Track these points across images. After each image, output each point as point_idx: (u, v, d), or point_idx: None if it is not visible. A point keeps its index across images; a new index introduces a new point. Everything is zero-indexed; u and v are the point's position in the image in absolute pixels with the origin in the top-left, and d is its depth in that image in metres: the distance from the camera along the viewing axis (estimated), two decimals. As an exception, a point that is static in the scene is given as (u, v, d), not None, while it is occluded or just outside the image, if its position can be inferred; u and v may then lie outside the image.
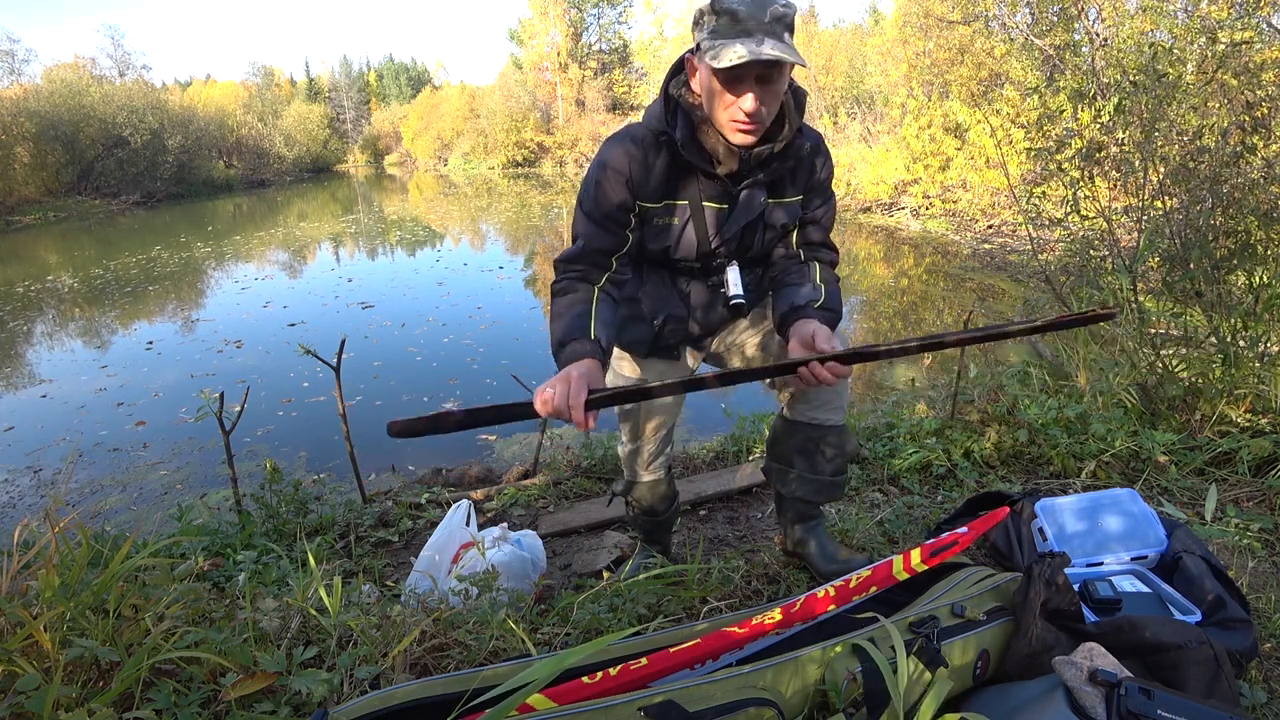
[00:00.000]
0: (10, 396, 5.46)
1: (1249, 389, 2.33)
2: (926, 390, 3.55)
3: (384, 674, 1.13)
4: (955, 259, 9.45)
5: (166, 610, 1.13)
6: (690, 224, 1.37)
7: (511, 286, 8.88)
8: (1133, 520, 1.52)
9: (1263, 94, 3.53)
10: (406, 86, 68.28)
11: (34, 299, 8.89)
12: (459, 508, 1.92)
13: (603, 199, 1.33)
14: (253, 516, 2.35)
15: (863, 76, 17.96)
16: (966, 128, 10.66)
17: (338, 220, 17.29)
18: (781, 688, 1.01)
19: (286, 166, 36.18)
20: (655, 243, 1.40)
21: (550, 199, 21.16)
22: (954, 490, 2.21)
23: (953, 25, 11.97)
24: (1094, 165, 3.86)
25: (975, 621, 1.16)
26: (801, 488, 1.59)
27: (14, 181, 20.37)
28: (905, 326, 6.60)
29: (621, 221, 1.35)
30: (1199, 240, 3.12)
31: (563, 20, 42.82)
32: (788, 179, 1.39)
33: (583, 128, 38.72)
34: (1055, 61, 10.19)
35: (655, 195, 1.34)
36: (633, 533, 2.05)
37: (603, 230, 1.34)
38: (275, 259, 11.64)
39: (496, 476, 3.10)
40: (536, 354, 5.94)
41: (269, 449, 4.14)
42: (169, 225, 17.00)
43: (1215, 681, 1.07)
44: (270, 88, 54.38)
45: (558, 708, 0.94)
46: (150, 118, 24.57)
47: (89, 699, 0.97)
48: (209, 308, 8.14)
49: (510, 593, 1.49)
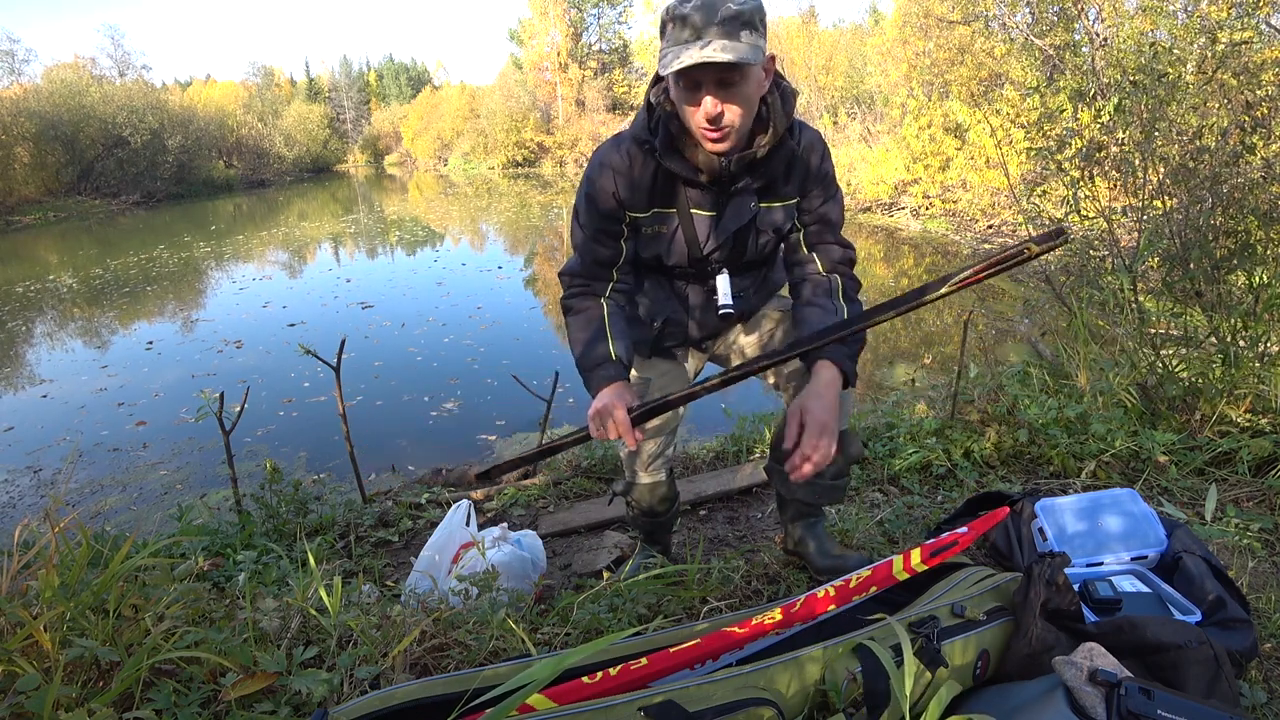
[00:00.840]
0: (10, 396, 5.46)
1: (1249, 389, 2.33)
2: (926, 390, 3.55)
3: (384, 674, 1.13)
4: (955, 259, 9.45)
5: (166, 610, 1.13)
6: (680, 232, 1.36)
7: (511, 286, 8.88)
8: (1133, 520, 1.52)
9: (1262, 94, 3.53)
10: (406, 86, 68.29)
11: (34, 299, 8.89)
12: (459, 508, 1.92)
13: (594, 212, 1.34)
14: (253, 516, 2.35)
15: (863, 76, 17.96)
16: (966, 128, 10.66)
17: (337, 220, 17.29)
18: (781, 688, 1.01)
19: (286, 166, 36.19)
20: (648, 250, 1.40)
21: (550, 199, 21.17)
22: (954, 490, 2.21)
23: (953, 25, 11.97)
24: (1094, 165, 3.86)
25: (975, 621, 1.16)
26: (802, 490, 1.58)
27: (14, 181, 20.38)
28: (905, 326, 6.60)
29: (614, 233, 1.36)
30: (1199, 240, 3.12)
31: (563, 20, 42.82)
32: (780, 180, 1.35)
33: (583, 128, 38.72)
34: (1055, 61, 10.19)
35: (643, 205, 1.33)
36: (633, 533, 2.05)
37: (597, 243, 1.36)
38: (275, 259, 11.65)
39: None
40: (537, 354, 5.94)
41: (269, 449, 4.14)
42: (169, 225, 17.01)
43: (1215, 681, 1.07)
44: (270, 88, 54.39)
45: (558, 707, 0.94)
46: (150, 118, 24.57)
47: (89, 699, 0.96)
48: (209, 308, 8.14)
49: (510, 593, 1.49)
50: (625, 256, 1.40)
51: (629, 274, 1.44)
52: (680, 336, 1.50)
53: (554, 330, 6.80)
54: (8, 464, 4.08)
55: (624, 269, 1.41)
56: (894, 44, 14.35)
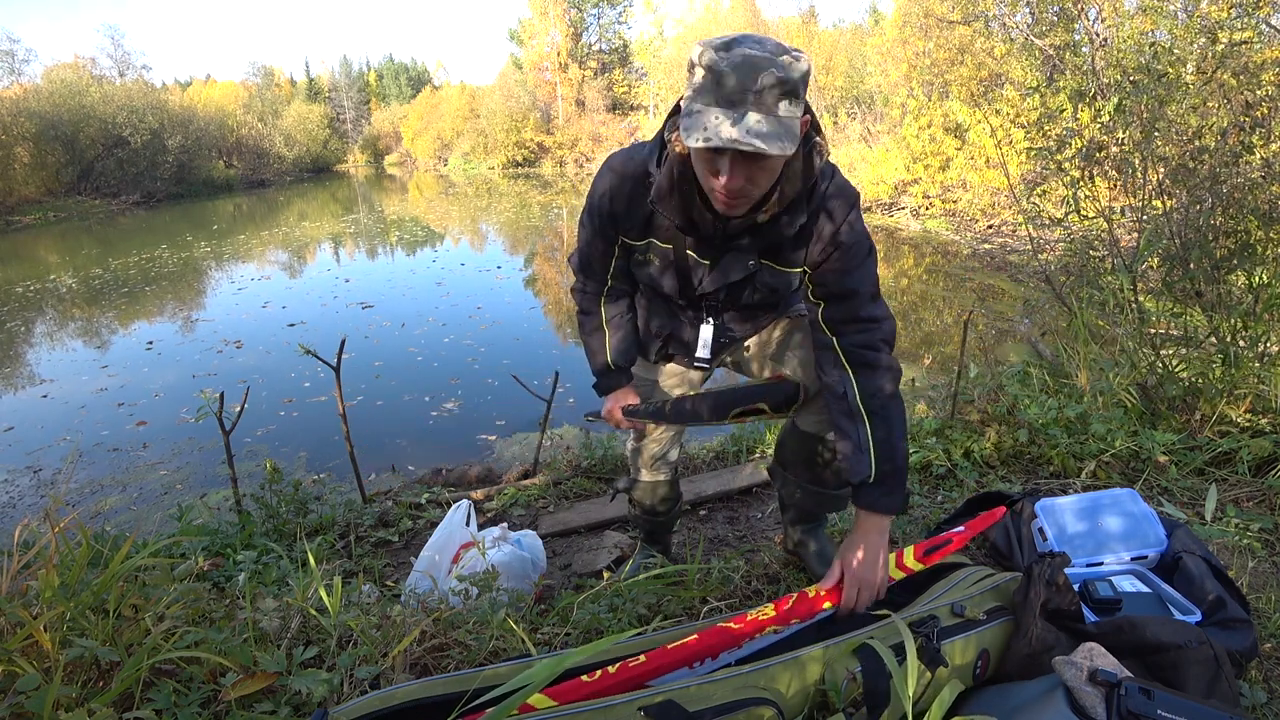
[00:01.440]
0: (11, 396, 5.45)
1: (1249, 389, 2.33)
2: (926, 390, 3.55)
3: (384, 674, 1.12)
4: (955, 259, 9.46)
5: (166, 610, 1.13)
6: (673, 268, 1.29)
7: (511, 286, 8.88)
8: (1133, 520, 1.52)
9: (1262, 94, 3.53)
10: (406, 86, 68.25)
11: (34, 299, 8.89)
12: (459, 508, 1.92)
13: (596, 215, 1.32)
14: (253, 516, 2.35)
15: (863, 76, 17.96)
16: (966, 128, 10.66)
17: (337, 220, 17.28)
18: (781, 687, 1.01)
19: (286, 166, 36.16)
20: (641, 274, 1.38)
21: (550, 199, 21.17)
22: (954, 490, 2.21)
23: (953, 25, 11.97)
24: (1094, 165, 3.86)
25: (975, 621, 1.16)
26: (805, 498, 1.58)
27: (14, 181, 20.36)
28: (905, 326, 6.60)
29: (609, 254, 1.37)
30: (1199, 240, 3.12)
31: (563, 20, 42.82)
32: (787, 245, 1.20)
33: (583, 128, 38.76)
34: (1055, 61, 10.19)
35: (637, 233, 1.29)
36: (633, 532, 2.05)
37: (596, 245, 1.37)
38: (275, 259, 11.64)
39: (496, 476, 3.10)
40: (537, 354, 5.94)
41: (269, 449, 4.13)
42: (169, 225, 17.00)
43: (1215, 681, 1.07)
44: (270, 88, 54.33)
45: (558, 707, 0.94)
46: (150, 118, 24.55)
47: (89, 699, 0.96)
48: (209, 308, 8.13)
49: (510, 593, 1.49)
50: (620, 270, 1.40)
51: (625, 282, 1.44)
52: (685, 350, 1.47)
53: (554, 330, 6.80)
54: (8, 464, 4.07)
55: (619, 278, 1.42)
56: (894, 44, 14.35)
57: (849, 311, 1.21)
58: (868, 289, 1.21)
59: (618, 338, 1.47)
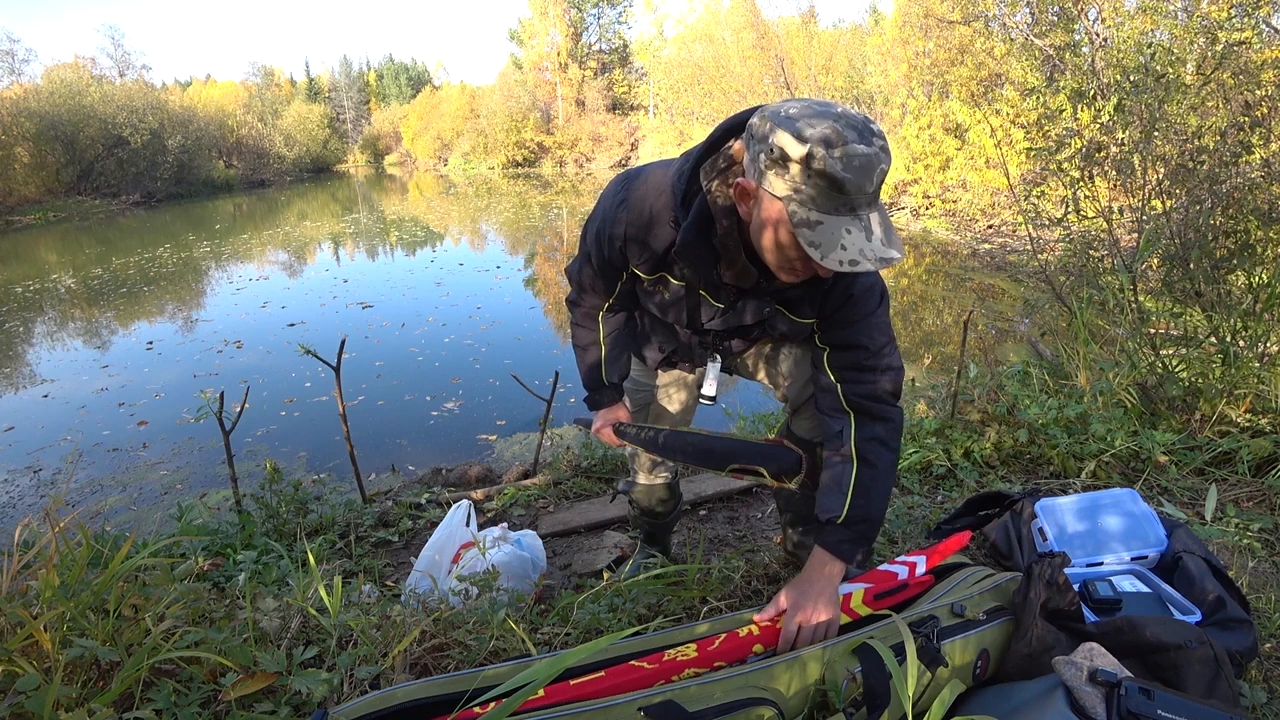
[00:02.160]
0: (11, 396, 5.46)
1: (1249, 389, 2.33)
2: (926, 390, 3.55)
3: (384, 674, 1.13)
4: (955, 259, 9.46)
5: (166, 610, 1.13)
6: (683, 303, 1.24)
7: (511, 286, 8.88)
8: (1133, 520, 1.52)
9: (1261, 94, 3.53)
10: (406, 86, 68.22)
11: (34, 299, 8.89)
12: (459, 508, 1.92)
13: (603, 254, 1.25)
14: (253, 516, 2.35)
15: (863, 76, 17.94)
16: (966, 128, 10.66)
17: (337, 220, 17.28)
18: (781, 687, 1.01)
19: (286, 166, 36.14)
20: (645, 300, 1.33)
21: (550, 199, 21.17)
22: (954, 490, 2.21)
23: (953, 25, 11.96)
24: (1094, 165, 3.86)
25: (975, 621, 1.16)
26: (802, 501, 1.58)
27: (14, 181, 20.35)
28: (905, 326, 6.60)
29: (613, 279, 1.31)
30: (1199, 240, 3.12)
31: (563, 20, 42.81)
32: (806, 299, 1.18)
33: (583, 128, 38.75)
34: (1055, 61, 10.19)
35: (650, 268, 1.22)
36: (633, 532, 2.05)
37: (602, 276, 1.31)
38: (275, 259, 11.64)
39: (496, 476, 3.10)
40: (537, 353, 5.95)
41: (269, 449, 4.13)
42: (169, 225, 17.00)
43: (1215, 681, 1.07)
44: (270, 88, 54.36)
45: (558, 706, 0.94)
46: (150, 118, 24.53)
47: (89, 699, 0.97)
48: (209, 308, 8.14)
49: (510, 593, 1.50)
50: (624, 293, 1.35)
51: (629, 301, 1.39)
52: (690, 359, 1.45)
53: (554, 330, 6.80)
54: (8, 464, 4.07)
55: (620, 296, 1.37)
56: (894, 44, 14.35)
57: (855, 360, 1.19)
58: (878, 340, 1.19)
59: (614, 354, 1.43)
